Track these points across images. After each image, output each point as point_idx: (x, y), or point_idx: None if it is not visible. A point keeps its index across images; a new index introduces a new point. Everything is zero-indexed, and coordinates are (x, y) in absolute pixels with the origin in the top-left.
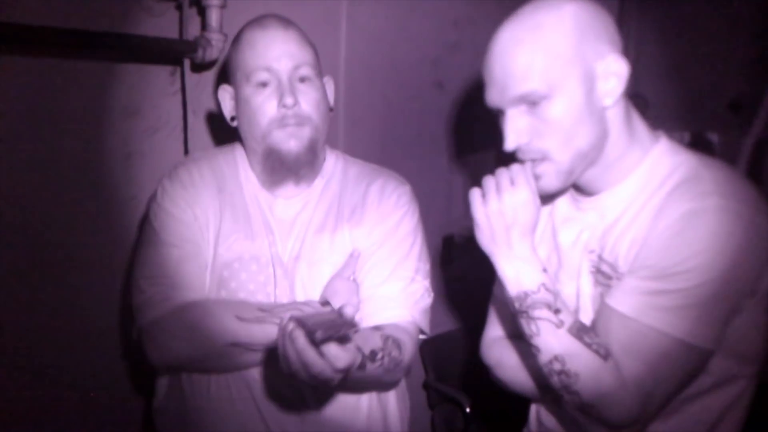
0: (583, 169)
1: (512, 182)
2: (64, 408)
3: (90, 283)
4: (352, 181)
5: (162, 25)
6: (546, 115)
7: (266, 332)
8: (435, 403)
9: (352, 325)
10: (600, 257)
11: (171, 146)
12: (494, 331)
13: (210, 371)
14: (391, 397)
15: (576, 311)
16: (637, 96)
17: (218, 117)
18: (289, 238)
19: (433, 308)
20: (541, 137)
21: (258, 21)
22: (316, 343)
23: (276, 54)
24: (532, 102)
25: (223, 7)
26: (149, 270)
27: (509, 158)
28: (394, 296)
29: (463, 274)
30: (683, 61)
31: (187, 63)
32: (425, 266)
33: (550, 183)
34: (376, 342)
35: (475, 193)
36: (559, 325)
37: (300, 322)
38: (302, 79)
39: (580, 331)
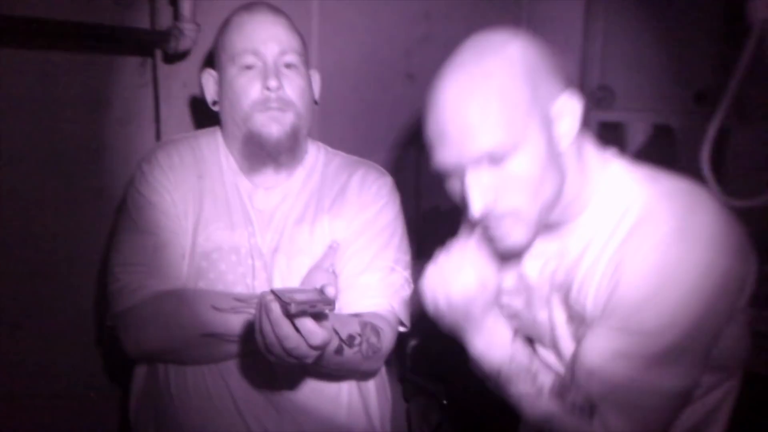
0: (547, 218)
1: (466, 257)
2: (39, 399)
3: (59, 273)
4: (333, 173)
5: (132, 15)
6: (512, 170)
7: (243, 323)
8: (411, 395)
9: (328, 302)
10: (568, 295)
11: (141, 139)
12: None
13: (185, 362)
14: (372, 390)
15: (552, 341)
16: (603, 87)
17: (191, 109)
18: (269, 230)
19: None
20: (508, 194)
21: (247, 6)
22: (290, 316)
23: (263, 37)
24: (494, 159)
25: None
26: (124, 257)
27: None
28: (373, 285)
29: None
30: (649, 52)
31: (158, 54)
32: (405, 257)
33: (519, 239)
34: (354, 327)
35: (430, 274)
36: (539, 393)
37: (277, 295)
38: (288, 65)
39: (561, 390)
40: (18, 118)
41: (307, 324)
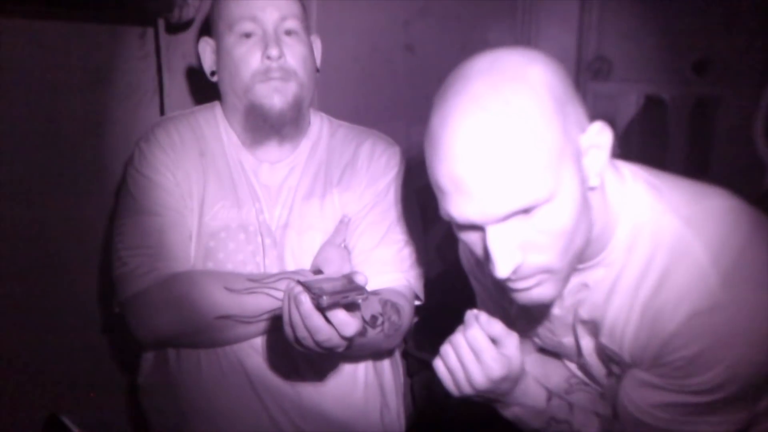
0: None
1: (479, 359)
2: (45, 385)
3: (63, 256)
4: (340, 144)
5: None
6: (545, 224)
7: (258, 303)
8: (415, 370)
9: (360, 291)
10: (597, 331)
11: (144, 114)
12: None
13: (198, 346)
14: (387, 367)
15: (581, 364)
16: (601, 59)
17: (196, 81)
18: (277, 205)
19: None
20: (539, 250)
21: None
22: (322, 309)
23: (262, 3)
24: (525, 211)
25: None
26: (130, 240)
27: None
28: (389, 260)
29: (440, 243)
30: (647, 21)
31: (161, 23)
32: (418, 229)
33: (548, 294)
34: (375, 307)
35: (444, 377)
36: None
37: (306, 287)
38: (288, 32)
39: None
40: (12, 91)
41: (339, 315)
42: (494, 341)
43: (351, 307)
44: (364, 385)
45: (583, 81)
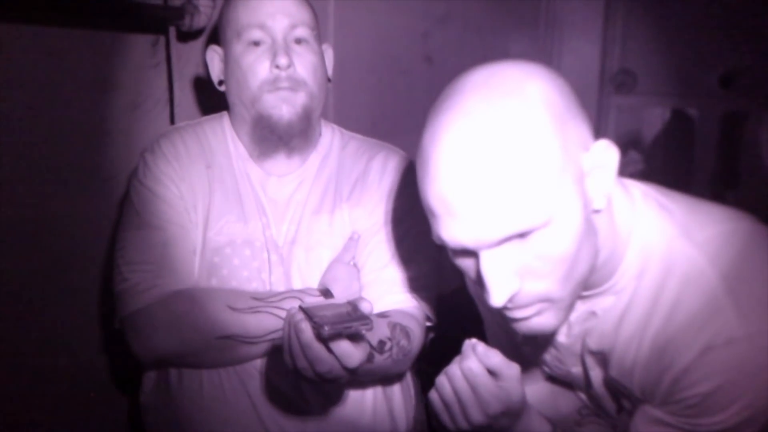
0: (580, 293)
1: (477, 397)
2: (44, 405)
3: (66, 269)
4: (351, 157)
5: None
6: (543, 249)
7: (261, 323)
8: (430, 388)
9: (365, 321)
10: (606, 363)
11: (154, 123)
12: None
13: (200, 366)
14: (397, 392)
15: (590, 396)
16: (625, 71)
17: (207, 90)
18: (284, 221)
19: None
20: (537, 277)
21: None
22: (324, 339)
23: (271, 10)
24: (521, 236)
25: None
26: (132, 255)
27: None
28: (399, 280)
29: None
30: (671, 34)
31: (172, 31)
32: (430, 247)
33: (548, 323)
34: (383, 331)
35: (440, 413)
36: None
37: (308, 314)
38: (298, 41)
39: None
40: (19, 100)
41: (342, 346)
42: (493, 373)
43: (355, 337)
44: (372, 411)
45: (606, 94)
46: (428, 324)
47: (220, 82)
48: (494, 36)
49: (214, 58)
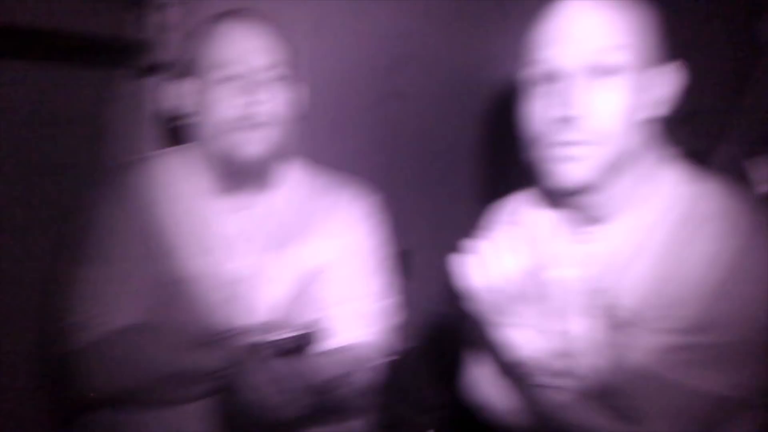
0: (617, 176)
1: (508, 246)
2: None
3: (10, 303)
4: (316, 192)
5: (108, 22)
6: (617, 91)
7: (216, 360)
8: (395, 427)
9: (317, 332)
10: (614, 298)
11: (114, 156)
12: (477, 367)
13: (149, 404)
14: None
15: (585, 353)
16: None
17: (170, 125)
18: (244, 254)
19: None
20: (604, 116)
21: (231, 12)
22: (284, 354)
23: (248, 47)
24: (606, 71)
25: (181, 4)
26: (82, 289)
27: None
28: (361, 314)
29: (421, 292)
30: None
31: (138, 65)
32: (393, 282)
33: (583, 171)
34: (343, 365)
35: (466, 263)
36: (576, 395)
37: (260, 341)
38: (273, 78)
39: (602, 395)
40: None
41: (302, 363)
42: None
43: (305, 346)
44: None
45: None
46: (388, 358)
47: (187, 116)
48: (465, 73)
49: (182, 91)
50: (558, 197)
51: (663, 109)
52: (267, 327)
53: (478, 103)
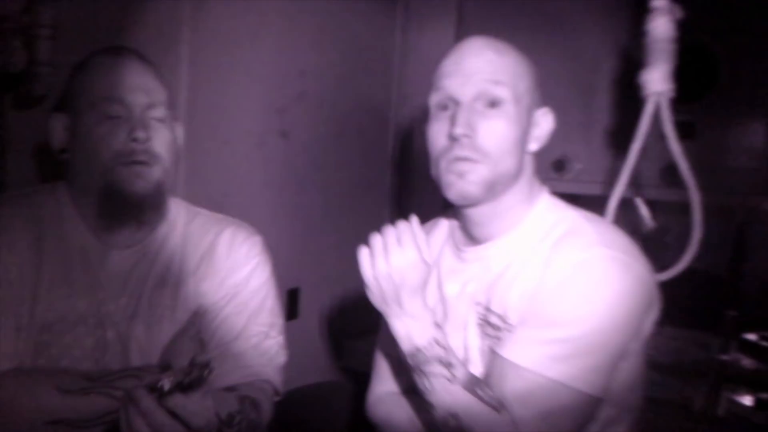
0: (496, 193)
1: (399, 242)
2: None
3: None
4: (197, 231)
5: None
6: (497, 118)
7: (95, 405)
8: None
9: (204, 366)
10: (488, 309)
11: None
12: (382, 386)
13: None
14: None
15: (465, 363)
16: None
17: (44, 160)
18: (123, 295)
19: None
20: (486, 135)
21: (112, 50)
22: (165, 395)
23: (131, 86)
24: (490, 102)
25: (52, 38)
26: None
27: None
28: (248, 354)
29: (310, 329)
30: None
31: (8, 99)
32: (279, 321)
33: (472, 184)
34: (232, 404)
35: (363, 254)
36: (452, 379)
37: (144, 382)
38: (155, 118)
39: (473, 384)
40: None
41: (187, 406)
42: None
43: (195, 385)
44: None
45: None
46: (276, 398)
47: (63, 151)
48: (350, 112)
49: (58, 126)
50: (453, 217)
51: (537, 145)
52: (149, 370)
53: (365, 140)
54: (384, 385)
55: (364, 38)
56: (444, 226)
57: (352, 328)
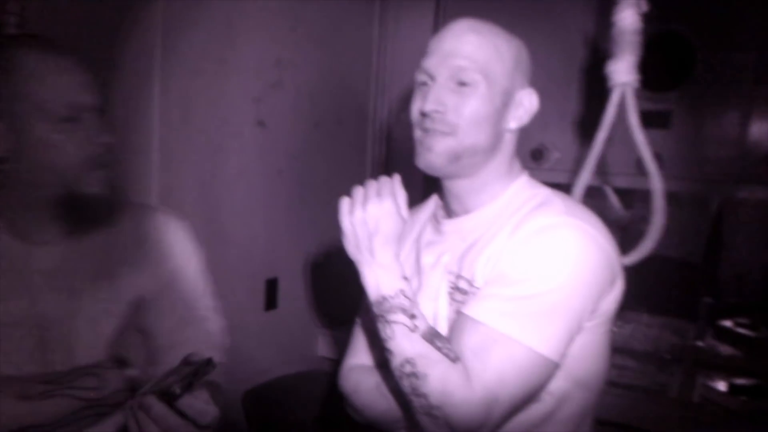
0: (466, 166)
1: (378, 193)
2: None
3: None
4: (128, 222)
5: None
6: (467, 96)
7: (59, 408)
8: None
9: (207, 364)
10: (458, 276)
11: None
12: (354, 359)
13: None
14: None
15: (430, 304)
16: None
17: None
18: (57, 293)
19: (258, 356)
20: (454, 112)
21: (50, 46)
22: (177, 397)
23: (78, 86)
24: (461, 82)
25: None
26: None
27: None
28: (194, 339)
29: (289, 319)
30: None
31: None
32: (216, 303)
33: (438, 156)
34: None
35: (343, 202)
36: (413, 329)
37: (147, 392)
38: (100, 116)
39: (432, 336)
40: None
41: (194, 405)
42: None
43: (198, 378)
44: None
45: None
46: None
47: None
48: (328, 102)
49: None
50: (437, 190)
51: (517, 124)
52: (105, 365)
53: (343, 129)
54: (357, 357)
55: (342, 26)
56: (431, 203)
57: (330, 318)
